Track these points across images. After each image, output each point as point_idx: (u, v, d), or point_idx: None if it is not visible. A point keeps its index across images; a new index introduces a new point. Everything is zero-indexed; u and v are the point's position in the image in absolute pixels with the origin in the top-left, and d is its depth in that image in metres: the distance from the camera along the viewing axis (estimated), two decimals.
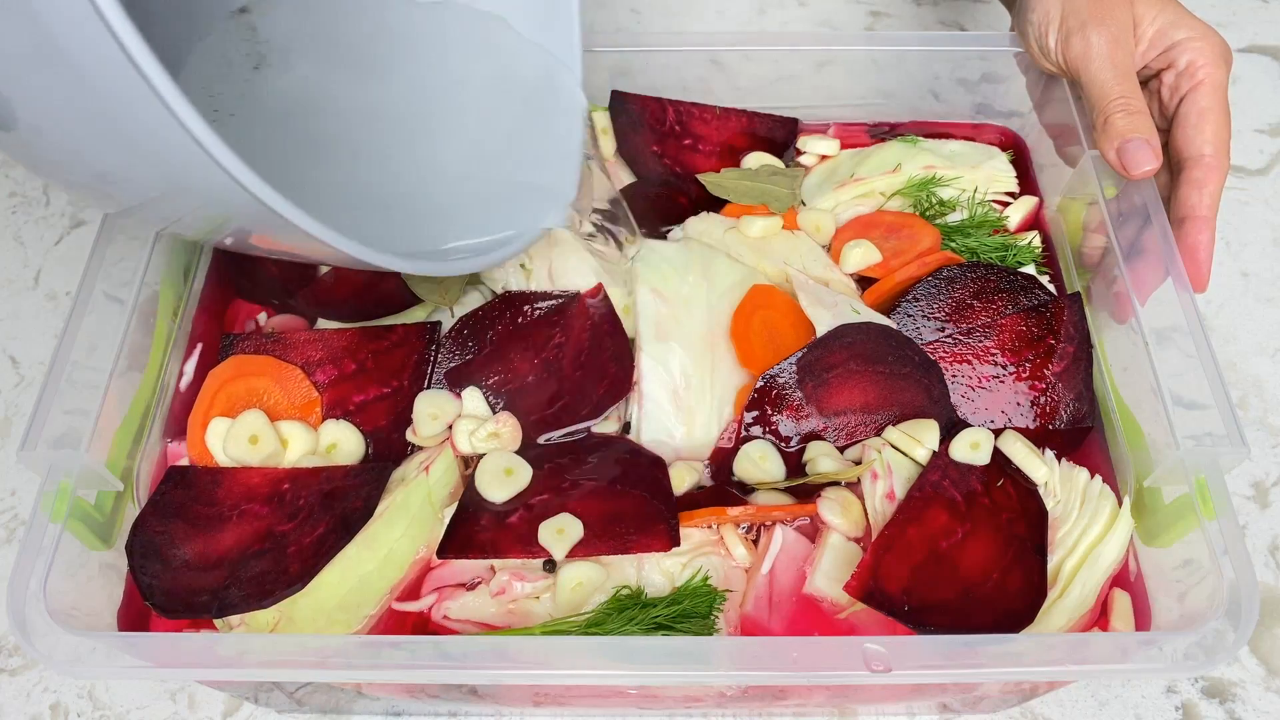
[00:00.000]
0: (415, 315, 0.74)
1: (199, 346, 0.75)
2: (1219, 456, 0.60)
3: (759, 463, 0.66)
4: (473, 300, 0.74)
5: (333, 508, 0.62)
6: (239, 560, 0.60)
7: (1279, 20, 1.13)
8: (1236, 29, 1.13)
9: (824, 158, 0.84)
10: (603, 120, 0.83)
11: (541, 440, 0.69)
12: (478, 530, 0.63)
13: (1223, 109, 0.70)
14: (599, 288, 0.73)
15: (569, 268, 0.75)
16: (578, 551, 0.61)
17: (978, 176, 0.81)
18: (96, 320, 0.65)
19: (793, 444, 0.68)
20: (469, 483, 0.65)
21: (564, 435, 0.69)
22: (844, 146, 0.84)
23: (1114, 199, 0.72)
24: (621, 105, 0.83)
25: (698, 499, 0.66)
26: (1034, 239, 0.78)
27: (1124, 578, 0.65)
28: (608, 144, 0.83)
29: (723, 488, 0.67)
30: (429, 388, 0.70)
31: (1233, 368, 0.89)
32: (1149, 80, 0.74)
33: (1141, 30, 0.72)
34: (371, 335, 0.72)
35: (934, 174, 0.79)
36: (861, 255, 0.75)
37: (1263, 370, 0.89)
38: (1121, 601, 0.63)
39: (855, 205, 0.80)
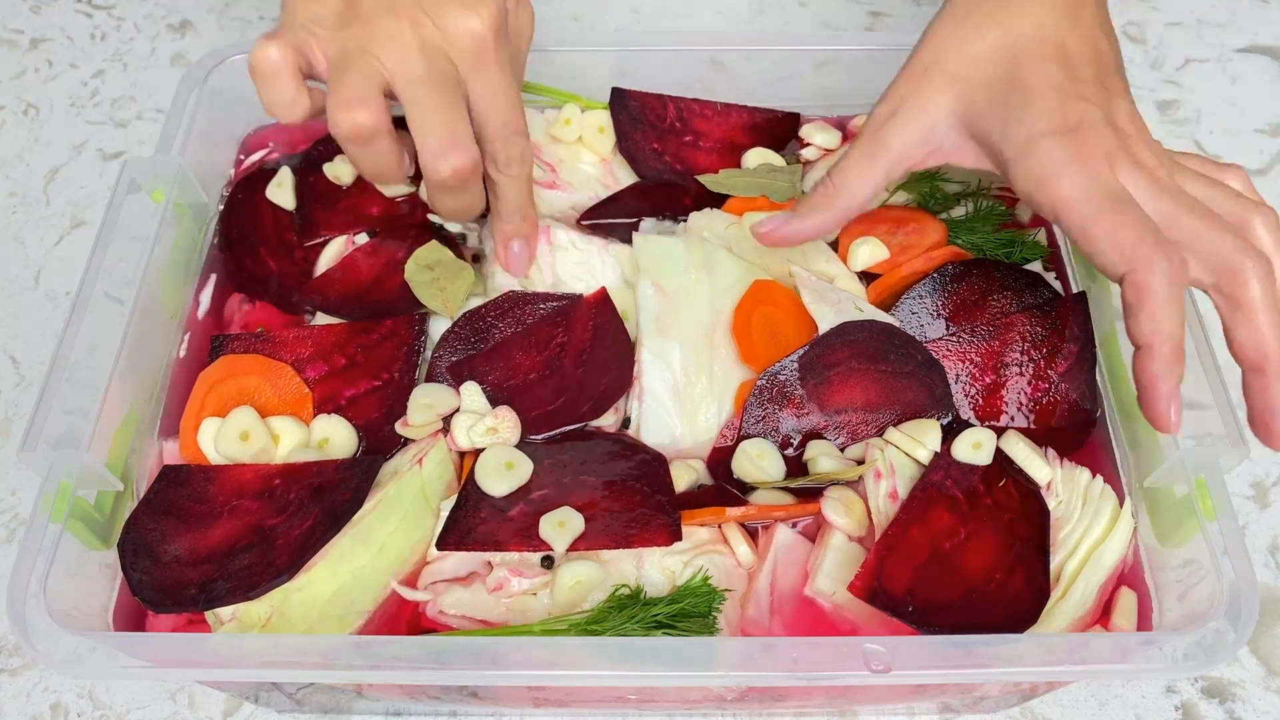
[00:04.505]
0: None
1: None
2: (1219, 456, 0.60)
3: (757, 461, 0.66)
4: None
5: (322, 500, 0.62)
6: (228, 554, 0.60)
7: (1279, 20, 1.14)
8: (1236, 29, 1.13)
9: (827, 151, 0.83)
10: (600, 118, 0.83)
11: (541, 437, 0.69)
12: (478, 522, 0.63)
13: (1100, 218, 0.56)
14: (602, 291, 0.73)
15: (571, 274, 0.75)
16: (579, 545, 0.61)
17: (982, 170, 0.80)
18: (96, 320, 0.65)
19: (794, 442, 0.68)
20: (469, 476, 0.65)
21: (563, 432, 0.69)
22: (846, 140, 0.84)
23: None
24: (621, 102, 0.83)
25: (699, 498, 0.65)
26: (1040, 234, 0.78)
27: (1127, 577, 0.65)
28: (606, 142, 0.82)
29: (723, 486, 0.66)
30: (421, 380, 0.70)
31: (1233, 368, 0.89)
32: None
33: (958, 136, 0.64)
34: (360, 329, 0.72)
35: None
36: (869, 253, 0.74)
37: None
38: (1125, 598, 0.63)
39: None
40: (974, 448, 0.65)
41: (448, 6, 0.62)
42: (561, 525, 0.61)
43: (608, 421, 0.70)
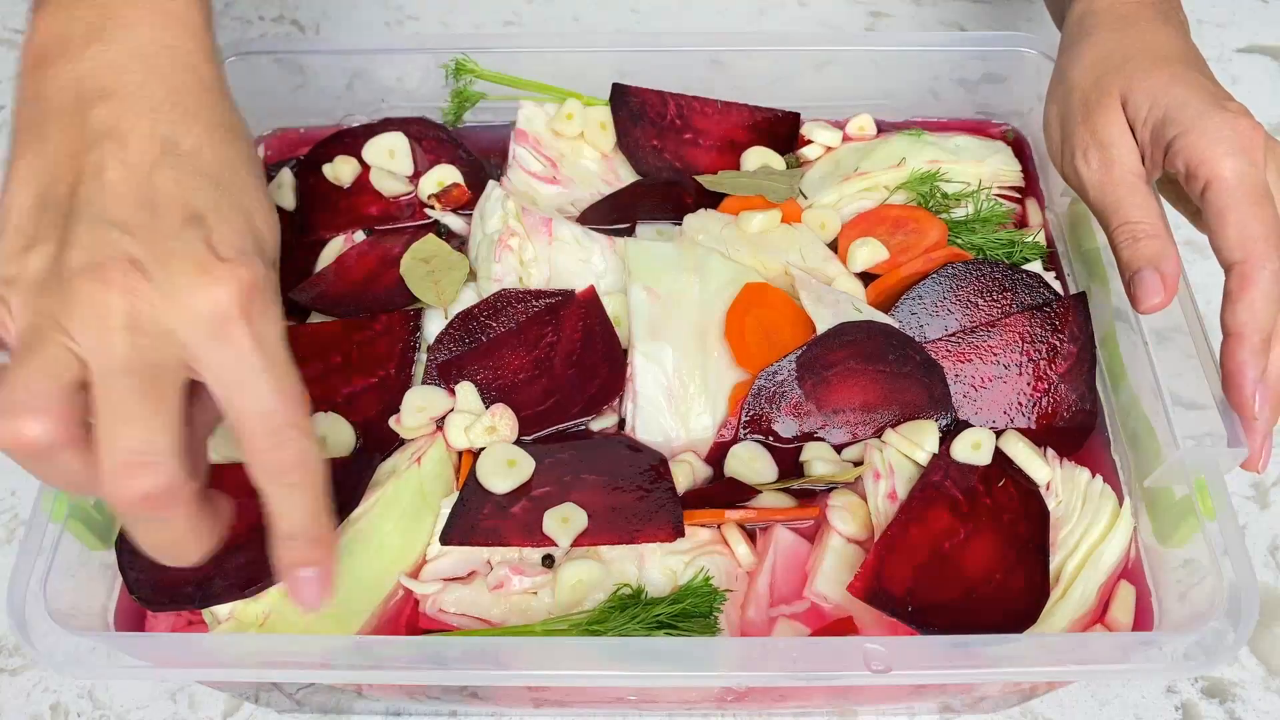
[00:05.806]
0: None
1: None
2: (1219, 456, 0.60)
3: (749, 464, 0.66)
4: (468, 300, 0.74)
5: None
6: (225, 552, 0.60)
7: (1279, 20, 1.13)
8: (1236, 29, 1.13)
9: (828, 149, 0.83)
10: (603, 114, 0.83)
11: (531, 438, 0.69)
12: (481, 519, 0.63)
13: (1242, 204, 0.59)
14: (590, 289, 0.73)
15: (571, 272, 0.75)
16: (583, 540, 0.61)
17: (983, 171, 0.80)
18: None
19: (792, 442, 0.68)
20: (470, 473, 0.65)
21: (555, 432, 0.69)
22: (846, 140, 0.84)
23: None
24: (622, 98, 0.82)
25: (706, 494, 0.66)
26: (1040, 235, 0.78)
27: (1127, 576, 0.65)
28: (608, 138, 0.82)
29: (731, 480, 0.66)
30: (418, 380, 0.70)
31: None
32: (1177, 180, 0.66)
33: (1139, 135, 0.65)
34: (355, 327, 0.72)
35: (938, 168, 0.79)
36: (869, 254, 0.74)
37: None
38: (1123, 592, 0.64)
39: (859, 199, 0.79)
40: (973, 448, 0.65)
41: (177, 267, 0.47)
42: (565, 521, 0.61)
43: (604, 423, 0.70)
